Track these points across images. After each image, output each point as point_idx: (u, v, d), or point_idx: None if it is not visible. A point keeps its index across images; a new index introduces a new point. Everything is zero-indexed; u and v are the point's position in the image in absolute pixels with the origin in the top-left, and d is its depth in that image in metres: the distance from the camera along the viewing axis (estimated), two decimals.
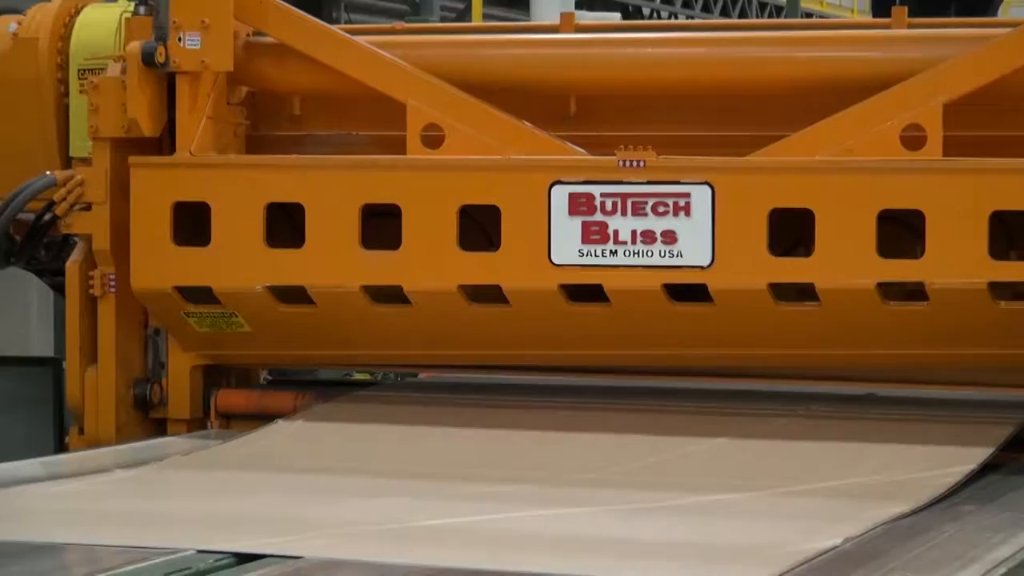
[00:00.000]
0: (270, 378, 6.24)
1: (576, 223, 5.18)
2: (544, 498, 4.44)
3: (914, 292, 5.10)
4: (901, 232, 5.16)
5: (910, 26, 5.53)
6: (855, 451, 4.93)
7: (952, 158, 4.99)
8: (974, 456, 4.73)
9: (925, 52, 5.25)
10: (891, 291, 5.08)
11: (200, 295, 5.59)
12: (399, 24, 6.62)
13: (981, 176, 4.98)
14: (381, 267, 5.40)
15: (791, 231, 5.19)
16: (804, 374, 5.57)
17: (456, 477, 4.78)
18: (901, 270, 5.04)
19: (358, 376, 6.61)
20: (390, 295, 5.47)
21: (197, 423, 5.79)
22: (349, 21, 19.37)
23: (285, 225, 5.58)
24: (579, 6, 14.69)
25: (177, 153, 5.53)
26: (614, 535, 3.93)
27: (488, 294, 5.36)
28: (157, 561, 3.38)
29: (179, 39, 5.44)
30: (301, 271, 5.46)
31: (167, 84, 5.61)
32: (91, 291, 5.72)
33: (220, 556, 3.42)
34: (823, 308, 5.08)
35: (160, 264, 5.57)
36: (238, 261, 5.51)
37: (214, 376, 5.87)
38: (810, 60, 5.49)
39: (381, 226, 5.44)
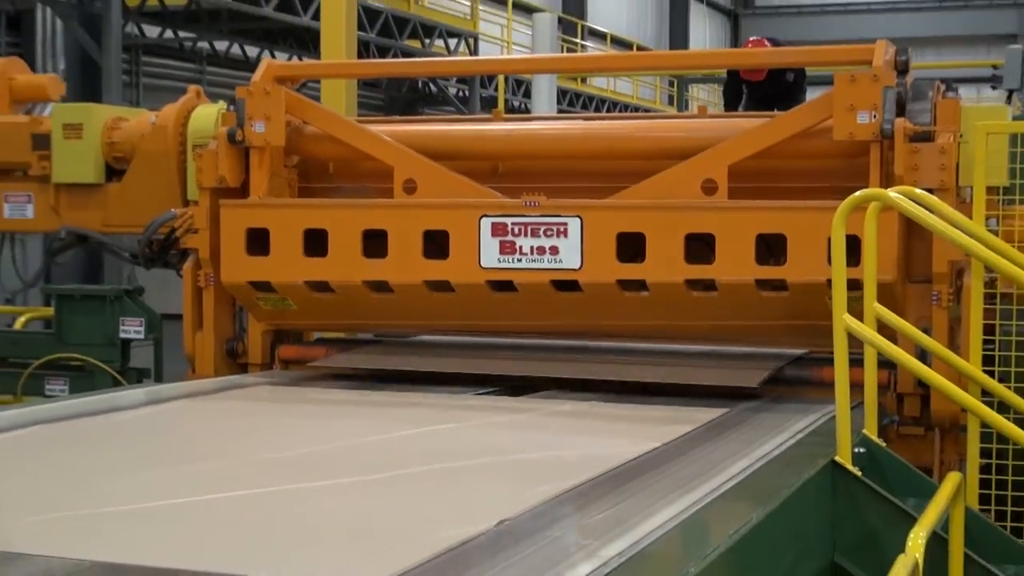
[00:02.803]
0: (316, 336, 7.46)
1: (496, 241, 6.31)
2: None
3: (708, 285, 6.18)
4: (701, 247, 6.23)
5: (708, 117, 7.02)
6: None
7: (733, 200, 6.21)
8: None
9: (714, 133, 6.55)
10: (694, 285, 6.19)
11: (264, 287, 6.78)
12: (396, 117, 8.24)
13: (750, 212, 6.12)
14: (375, 269, 6.50)
15: (632, 247, 6.26)
16: (640, 335, 6.75)
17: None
18: (700, 271, 6.15)
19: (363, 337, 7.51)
20: (381, 287, 6.58)
21: (267, 367, 7.04)
22: (424, 113, 22.30)
23: (319, 242, 6.65)
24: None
25: (250, 197, 6.89)
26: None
27: (442, 286, 6.47)
28: None
29: (251, 126, 6.86)
30: (326, 271, 6.60)
31: (245, 154, 6.91)
32: (199, 284, 7.02)
33: None
34: (651, 295, 6.27)
35: (238, 267, 6.77)
36: (286, 265, 6.67)
37: (280, 336, 7.12)
38: (646, 137, 6.85)
39: (376, 243, 6.53)
